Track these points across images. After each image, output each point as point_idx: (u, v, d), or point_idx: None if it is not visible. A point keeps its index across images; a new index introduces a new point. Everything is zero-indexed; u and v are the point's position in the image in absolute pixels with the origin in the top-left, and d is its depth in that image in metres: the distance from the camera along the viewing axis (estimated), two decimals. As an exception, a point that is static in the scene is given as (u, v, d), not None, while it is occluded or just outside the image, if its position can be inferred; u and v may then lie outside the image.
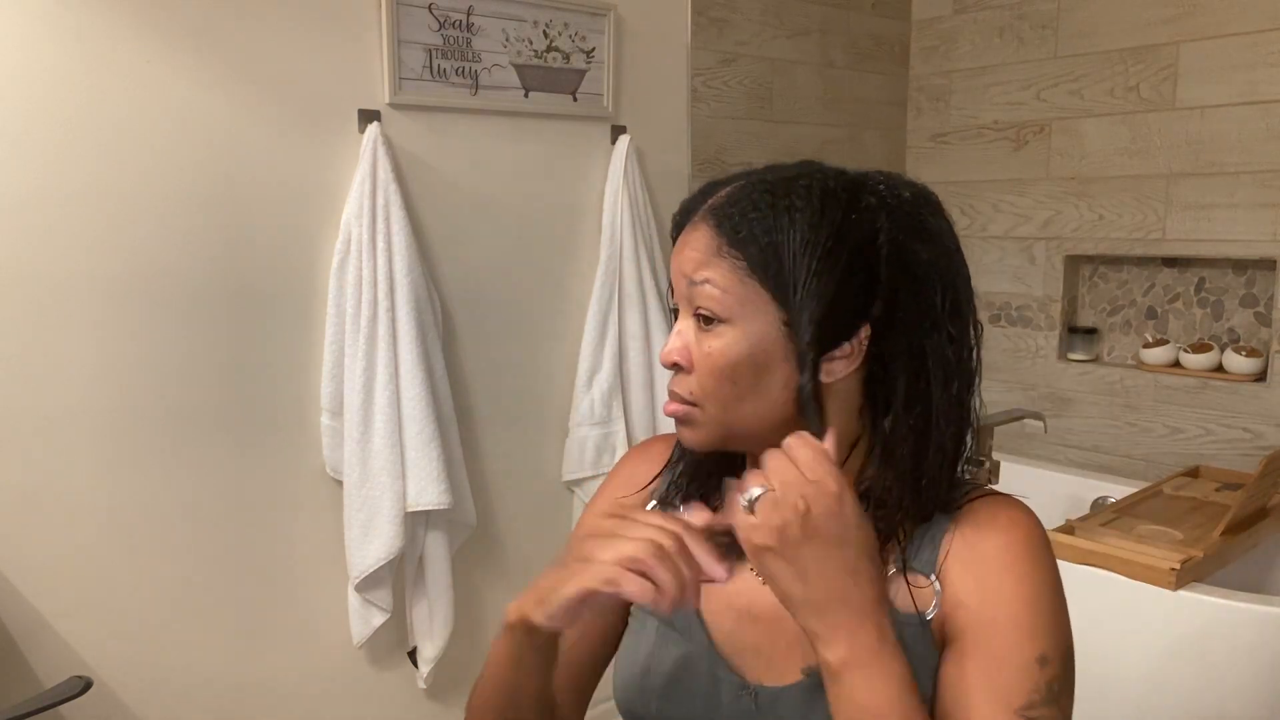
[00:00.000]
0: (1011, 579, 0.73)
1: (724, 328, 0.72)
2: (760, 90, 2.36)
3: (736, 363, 0.72)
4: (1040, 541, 0.76)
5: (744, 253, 0.71)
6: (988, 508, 0.77)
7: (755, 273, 0.71)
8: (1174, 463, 2.28)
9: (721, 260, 0.72)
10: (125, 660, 1.60)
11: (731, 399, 0.73)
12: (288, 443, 1.73)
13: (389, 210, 1.71)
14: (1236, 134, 2.15)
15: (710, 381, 0.73)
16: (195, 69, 1.57)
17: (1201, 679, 1.56)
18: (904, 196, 0.75)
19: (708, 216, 0.74)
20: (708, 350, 0.73)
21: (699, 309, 0.73)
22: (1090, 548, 1.66)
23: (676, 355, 0.74)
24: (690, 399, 0.75)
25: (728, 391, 0.73)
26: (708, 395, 0.74)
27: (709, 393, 0.74)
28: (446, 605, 1.84)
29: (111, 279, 1.53)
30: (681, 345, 0.74)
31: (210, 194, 1.60)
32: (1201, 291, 2.34)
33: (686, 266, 0.74)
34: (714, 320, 0.72)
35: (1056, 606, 0.74)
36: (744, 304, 0.71)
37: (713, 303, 0.72)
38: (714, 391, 0.73)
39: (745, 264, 0.71)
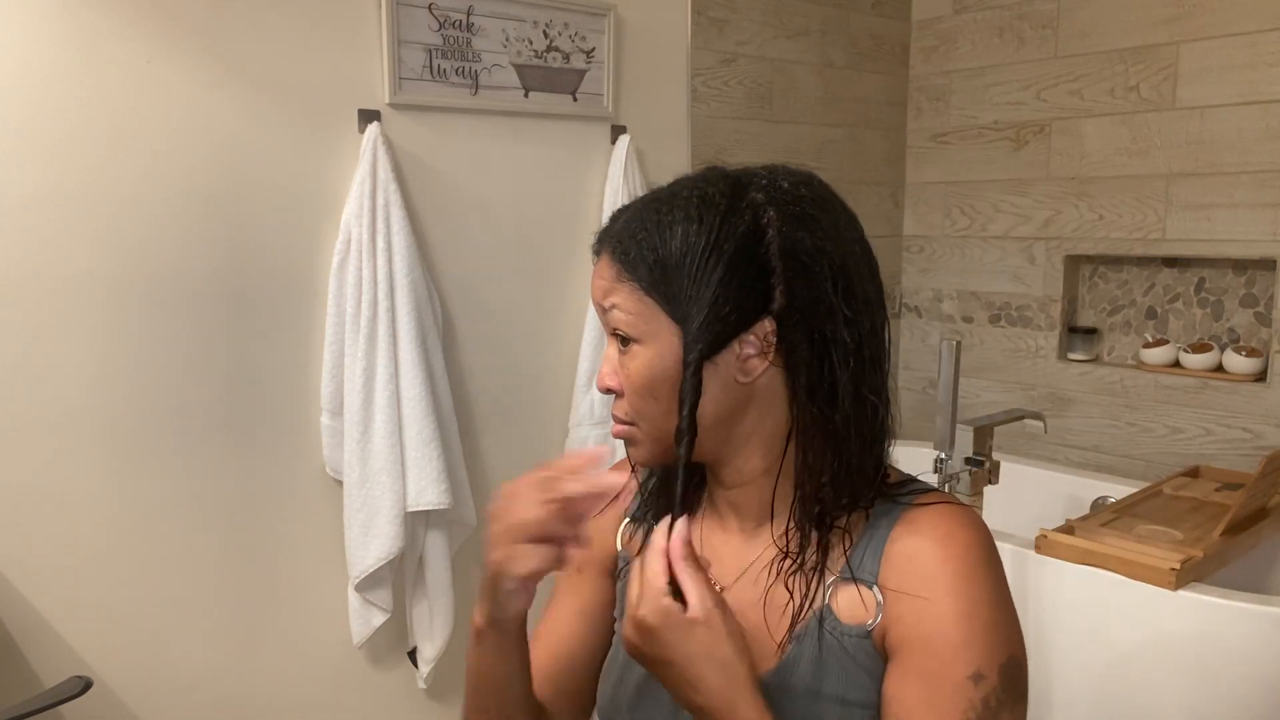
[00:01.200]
0: (947, 595, 0.72)
1: (638, 348, 0.75)
2: (760, 90, 2.36)
3: (652, 379, 0.75)
4: (979, 554, 0.74)
5: (636, 274, 0.74)
6: (930, 517, 0.76)
7: (650, 292, 0.74)
8: (1174, 463, 2.28)
9: (622, 284, 0.75)
10: (125, 660, 1.61)
11: (658, 415, 0.76)
12: (288, 443, 1.73)
13: (389, 210, 1.71)
14: (1236, 134, 2.15)
15: (637, 400, 0.76)
16: (196, 69, 1.57)
17: (1201, 679, 1.56)
18: (783, 187, 0.76)
19: (607, 243, 0.78)
20: (628, 371, 0.76)
21: (614, 332, 0.77)
22: (1090, 548, 1.66)
23: (608, 380, 0.78)
24: (627, 419, 0.78)
25: (653, 408, 0.76)
26: (639, 414, 0.77)
27: (639, 411, 0.77)
28: (446, 605, 1.84)
29: (111, 279, 1.53)
30: (610, 370, 0.78)
31: (210, 194, 1.61)
32: (1201, 291, 2.34)
33: (597, 294, 0.78)
34: (629, 341, 0.76)
35: (994, 620, 0.72)
36: (648, 322, 0.74)
37: (623, 325, 0.75)
38: (642, 409, 0.76)
39: (639, 285, 0.74)
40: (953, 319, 2.72)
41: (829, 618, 0.74)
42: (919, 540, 0.74)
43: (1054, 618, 1.70)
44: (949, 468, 1.95)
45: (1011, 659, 0.72)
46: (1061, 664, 1.70)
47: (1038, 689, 1.74)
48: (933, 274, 2.75)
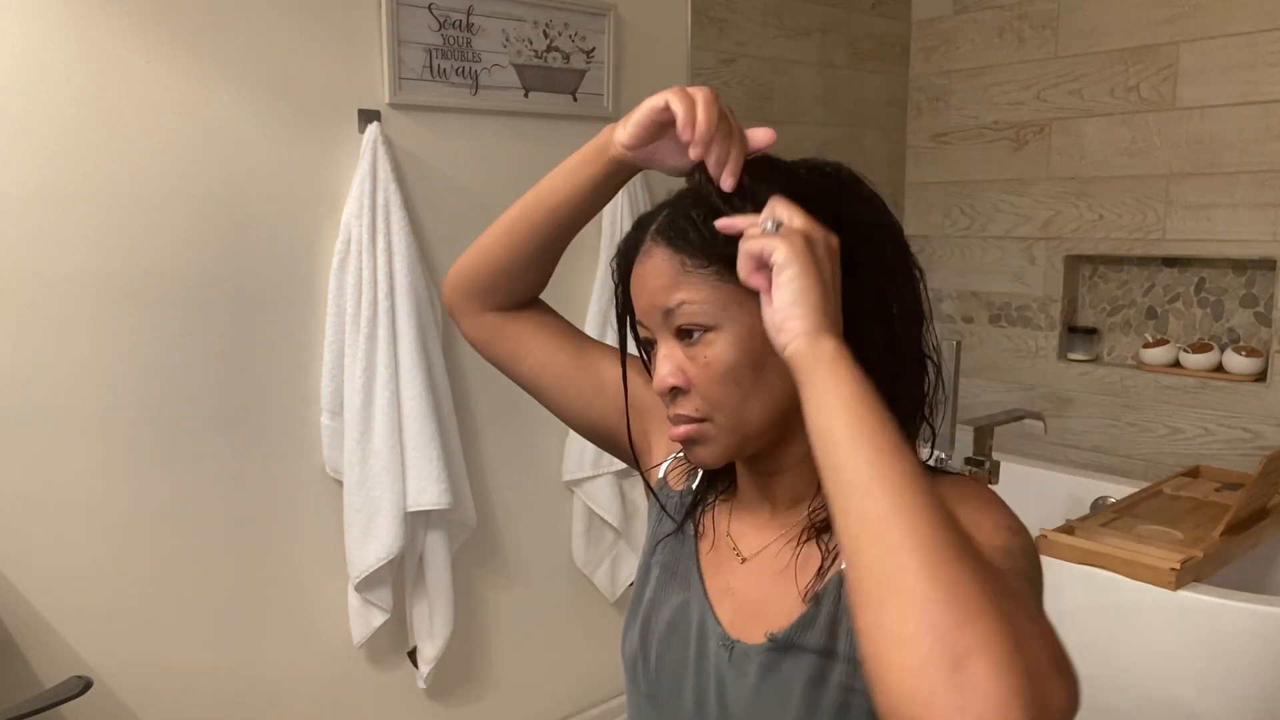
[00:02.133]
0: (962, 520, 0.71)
1: (713, 335, 0.73)
2: (760, 90, 2.36)
3: (735, 364, 0.73)
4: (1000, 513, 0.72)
5: (708, 258, 0.72)
6: (949, 480, 0.77)
7: (726, 274, 0.72)
8: (1174, 463, 2.28)
9: (689, 276, 0.73)
10: (125, 660, 1.60)
11: (739, 401, 0.74)
12: (288, 443, 1.73)
13: (389, 210, 1.71)
14: (1236, 134, 2.15)
15: (715, 390, 0.74)
16: (195, 69, 1.57)
17: (1201, 679, 1.56)
18: (828, 171, 0.79)
19: (658, 241, 0.75)
20: (705, 361, 0.73)
21: (681, 327, 0.74)
22: (1090, 548, 1.66)
23: (672, 378, 0.74)
24: (698, 415, 0.75)
25: (734, 395, 0.74)
26: (715, 405, 0.74)
27: (716, 402, 0.74)
28: (446, 605, 1.84)
29: (111, 278, 1.53)
30: (672, 368, 0.75)
31: (210, 194, 1.61)
32: (1201, 291, 2.34)
33: (658, 298, 0.74)
34: (701, 331, 0.73)
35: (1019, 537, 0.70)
36: (726, 307, 0.73)
37: (697, 317, 0.73)
38: (721, 399, 0.74)
39: (713, 269, 0.72)
40: (953, 319, 2.72)
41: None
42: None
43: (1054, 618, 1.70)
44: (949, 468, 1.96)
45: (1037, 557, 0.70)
46: (1061, 664, 1.70)
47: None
48: (933, 274, 2.75)
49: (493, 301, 0.97)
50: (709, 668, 0.80)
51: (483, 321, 0.98)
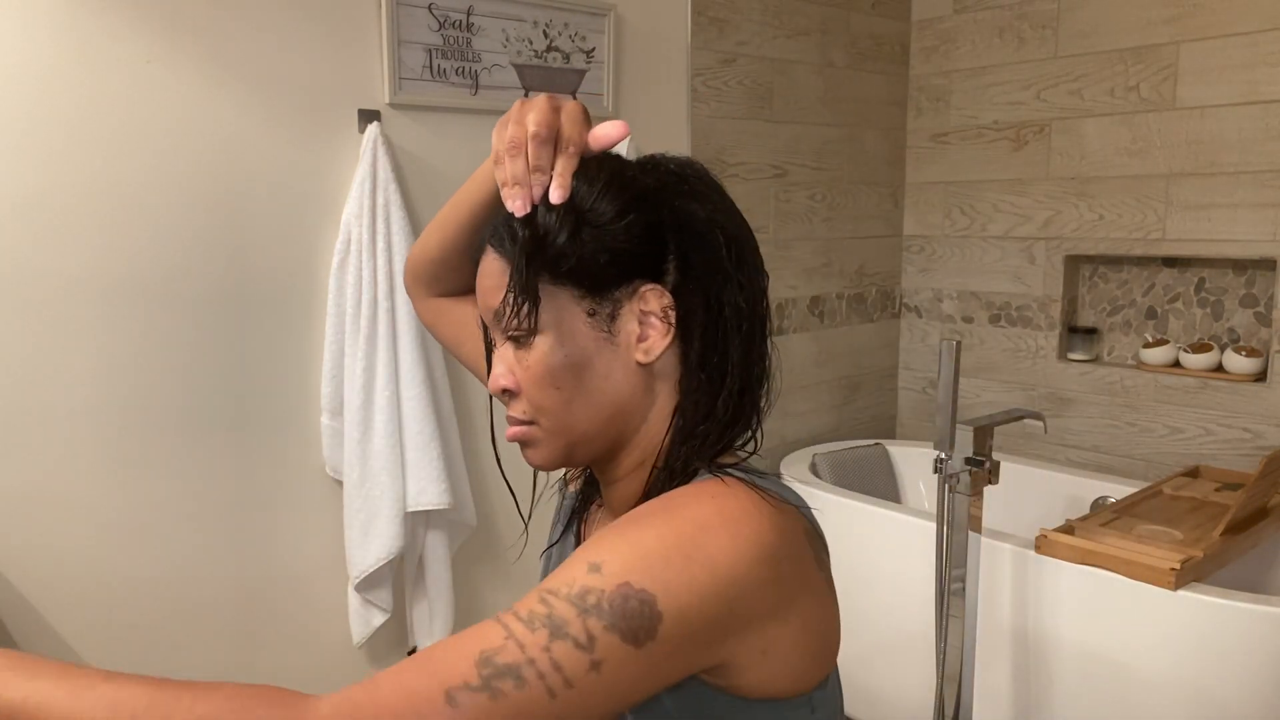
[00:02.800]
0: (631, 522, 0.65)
1: (537, 339, 0.73)
2: (760, 90, 2.36)
3: (555, 367, 0.73)
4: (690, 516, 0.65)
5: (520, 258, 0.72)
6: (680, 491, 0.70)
7: (547, 278, 0.71)
8: (1174, 463, 2.28)
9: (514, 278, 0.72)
10: (125, 660, 1.60)
11: (561, 405, 0.74)
12: (288, 443, 1.73)
13: (389, 210, 1.71)
14: (1236, 134, 2.15)
15: (537, 393, 0.74)
16: (196, 69, 1.57)
17: (1201, 679, 1.56)
18: (670, 168, 0.76)
19: (489, 245, 0.75)
20: (527, 365, 0.73)
21: (510, 331, 0.73)
22: (1090, 548, 1.66)
23: (503, 380, 0.75)
24: (525, 418, 0.76)
25: (556, 398, 0.74)
26: (539, 408, 0.75)
27: (540, 405, 0.74)
28: (446, 605, 1.84)
29: (111, 279, 1.53)
30: (504, 369, 0.75)
31: (210, 194, 1.61)
32: (1201, 291, 2.34)
33: (489, 299, 0.74)
34: (527, 336, 0.73)
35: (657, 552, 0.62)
36: (547, 310, 0.72)
37: (521, 320, 0.72)
38: (543, 402, 0.74)
39: (528, 272, 0.71)
40: (953, 319, 2.72)
41: None
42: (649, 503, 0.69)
43: (1054, 618, 1.70)
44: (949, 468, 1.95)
45: (646, 591, 0.60)
46: (1061, 664, 1.70)
47: (1038, 689, 1.74)
48: (933, 274, 2.75)
49: (436, 288, 0.98)
50: None
51: (429, 305, 1.00)
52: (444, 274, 0.95)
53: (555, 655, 0.58)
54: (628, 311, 0.73)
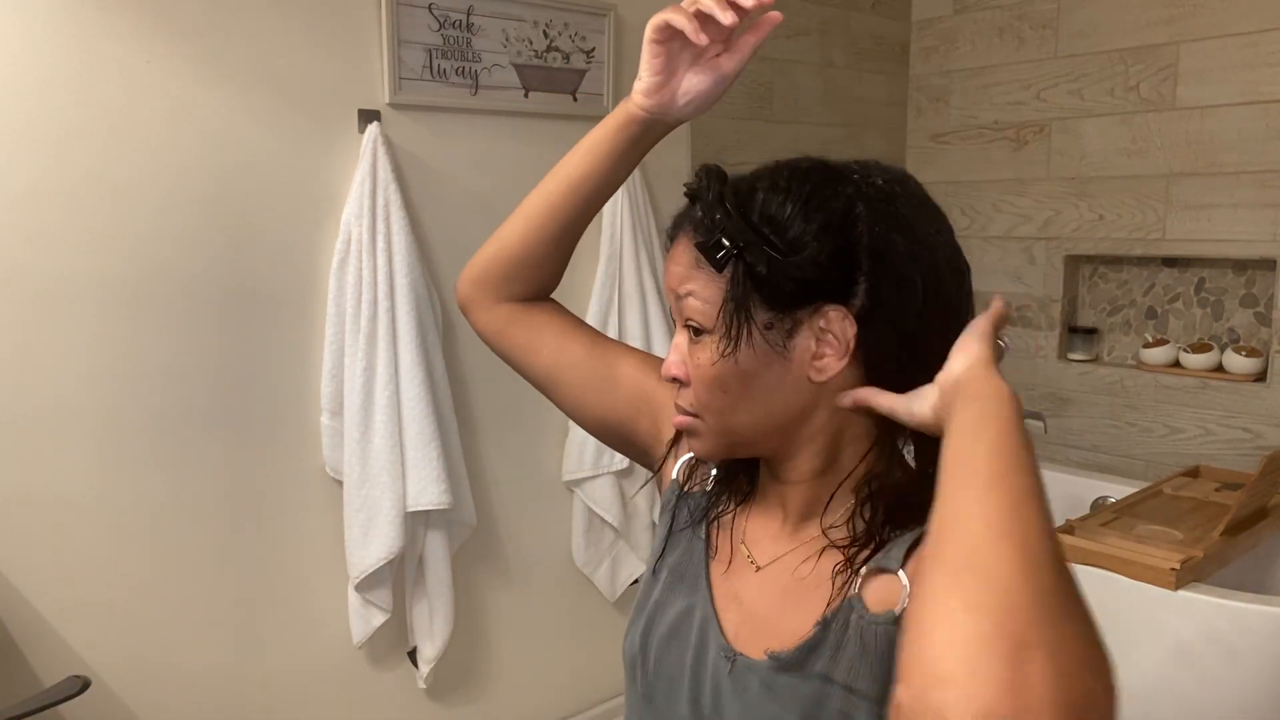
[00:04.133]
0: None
1: (709, 338, 0.72)
2: (760, 90, 2.36)
3: (723, 372, 0.72)
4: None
5: (719, 265, 0.71)
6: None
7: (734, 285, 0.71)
8: (1174, 463, 2.28)
9: (700, 271, 0.72)
10: (124, 660, 1.60)
11: (725, 408, 0.74)
12: (288, 443, 1.73)
13: (389, 210, 1.71)
14: (1236, 134, 2.15)
15: (704, 393, 0.74)
16: (195, 69, 1.57)
17: (1202, 679, 1.56)
18: (878, 183, 0.74)
19: (685, 226, 0.74)
20: (698, 362, 0.73)
21: (687, 321, 0.74)
22: (1090, 548, 1.66)
23: (674, 369, 0.75)
24: (691, 410, 0.76)
25: (720, 401, 0.73)
26: (704, 406, 0.74)
27: (704, 404, 0.74)
28: (446, 605, 1.84)
29: (111, 278, 1.53)
30: (678, 359, 0.75)
31: (210, 194, 1.61)
32: (1201, 291, 2.34)
33: (673, 281, 0.75)
34: (701, 332, 0.73)
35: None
36: (724, 310, 0.71)
37: (697, 315, 0.73)
38: (708, 402, 0.74)
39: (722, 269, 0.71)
40: (953, 319, 2.72)
41: (858, 607, 0.72)
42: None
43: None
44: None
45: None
46: (1061, 664, 1.70)
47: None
48: (933, 274, 2.75)
49: (508, 291, 0.96)
50: (706, 676, 0.79)
51: (498, 313, 0.97)
52: (522, 271, 0.94)
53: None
54: (806, 329, 0.71)
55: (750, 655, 0.77)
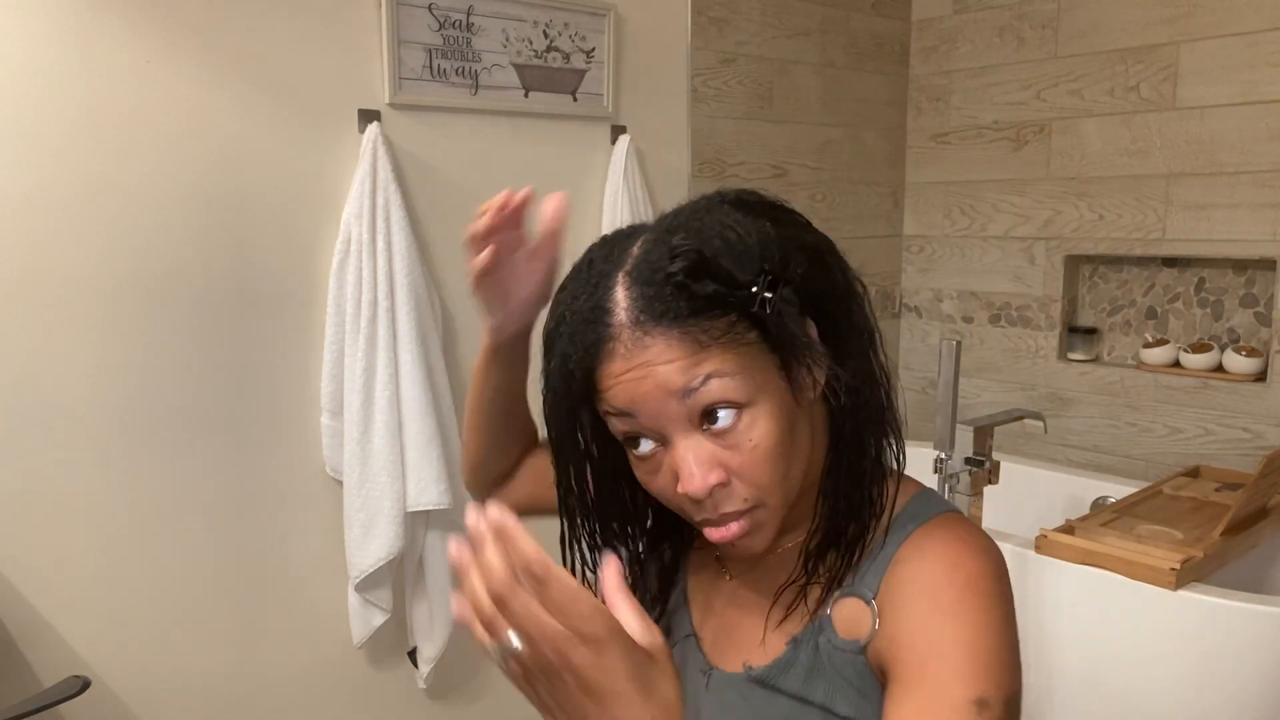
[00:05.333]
0: (949, 620, 0.67)
1: (754, 411, 0.65)
2: (760, 90, 2.36)
3: (781, 436, 0.66)
4: (986, 586, 0.69)
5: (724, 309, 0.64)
6: (939, 543, 0.72)
7: (741, 323, 0.64)
8: (1174, 463, 2.28)
9: (711, 348, 0.64)
10: (124, 660, 1.61)
11: (786, 474, 0.68)
12: (288, 443, 1.73)
13: (389, 210, 1.71)
14: (1236, 134, 2.15)
15: (765, 473, 0.66)
16: (196, 69, 1.57)
17: (1201, 679, 1.56)
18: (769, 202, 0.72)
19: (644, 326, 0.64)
20: (752, 444, 0.65)
21: (712, 406, 0.64)
22: (1090, 548, 1.66)
23: (715, 476, 0.65)
24: (748, 506, 0.68)
25: (782, 470, 0.67)
26: (767, 489, 0.67)
27: (768, 486, 0.67)
28: (446, 605, 1.84)
29: (111, 279, 1.53)
30: (707, 466, 0.65)
31: (210, 194, 1.61)
32: (1201, 291, 2.34)
33: (672, 380, 0.63)
34: (733, 410, 0.64)
35: (999, 651, 0.66)
36: (756, 373, 0.65)
37: (731, 393, 0.64)
38: (771, 480, 0.67)
39: (730, 319, 0.64)
40: (953, 319, 2.72)
41: (826, 629, 0.73)
42: (924, 564, 0.70)
43: (1054, 618, 1.70)
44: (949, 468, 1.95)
45: (1016, 695, 0.66)
46: (1061, 664, 1.70)
47: (1039, 689, 1.74)
48: (933, 274, 2.75)
49: (497, 474, 0.99)
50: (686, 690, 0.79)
51: (503, 496, 0.99)
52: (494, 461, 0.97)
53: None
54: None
55: (726, 669, 0.77)
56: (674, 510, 0.72)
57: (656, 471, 0.68)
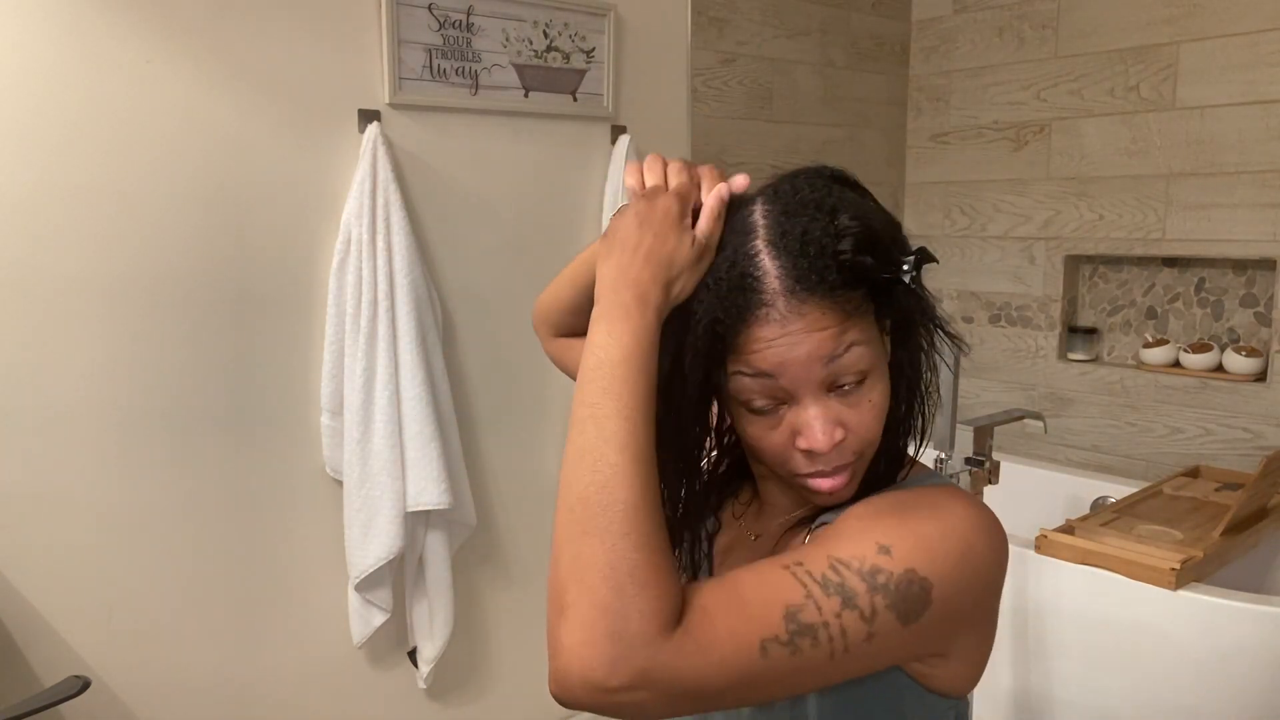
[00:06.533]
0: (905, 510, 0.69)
1: (870, 375, 0.70)
2: (760, 90, 2.36)
3: (888, 397, 0.72)
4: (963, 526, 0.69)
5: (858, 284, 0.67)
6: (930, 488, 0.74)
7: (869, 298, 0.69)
8: (1174, 463, 2.28)
9: (854, 318, 0.68)
10: (124, 660, 1.60)
11: (879, 434, 0.73)
12: (288, 442, 1.73)
13: (389, 210, 1.71)
14: (1236, 134, 2.15)
15: (876, 429, 0.72)
16: (195, 69, 1.57)
17: (1201, 679, 1.56)
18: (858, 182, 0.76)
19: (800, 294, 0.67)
20: (870, 403, 0.70)
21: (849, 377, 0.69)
22: (1090, 548, 1.66)
23: (840, 434, 0.70)
24: (852, 459, 0.72)
25: (882, 427, 0.73)
26: (871, 444, 0.73)
27: (873, 441, 0.72)
28: (446, 605, 1.84)
29: (112, 278, 1.53)
30: (835, 423, 0.70)
31: (210, 194, 1.61)
32: (1201, 291, 2.34)
33: (824, 349, 0.67)
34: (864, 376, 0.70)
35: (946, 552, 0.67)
36: (876, 341, 0.71)
37: (864, 361, 0.69)
38: (875, 434, 0.72)
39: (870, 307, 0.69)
40: (953, 319, 2.71)
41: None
42: (900, 494, 0.73)
43: (1054, 618, 1.70)
44: (949, 467, 1.96)
45: (926, 580, 0.65)
46: (1062, 664, 1.70)
47: (1039, 689, 1.74)
48: (932, 274, 2.74)
49: (561, 328, 1.00)
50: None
51: (555, 345, 1.03)
52: (569, 319, 0.97)
53: (844, 622, 0.63)
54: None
55: None
56: (769, 463, 0.74)
57: (773, 429, 0.71)
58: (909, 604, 0.65)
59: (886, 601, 0.64)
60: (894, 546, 0.66)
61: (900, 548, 0.66)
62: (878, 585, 0.64)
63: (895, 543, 0.66)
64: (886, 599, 0.64)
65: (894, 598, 0.64)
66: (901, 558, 0.65)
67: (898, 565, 0.65)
